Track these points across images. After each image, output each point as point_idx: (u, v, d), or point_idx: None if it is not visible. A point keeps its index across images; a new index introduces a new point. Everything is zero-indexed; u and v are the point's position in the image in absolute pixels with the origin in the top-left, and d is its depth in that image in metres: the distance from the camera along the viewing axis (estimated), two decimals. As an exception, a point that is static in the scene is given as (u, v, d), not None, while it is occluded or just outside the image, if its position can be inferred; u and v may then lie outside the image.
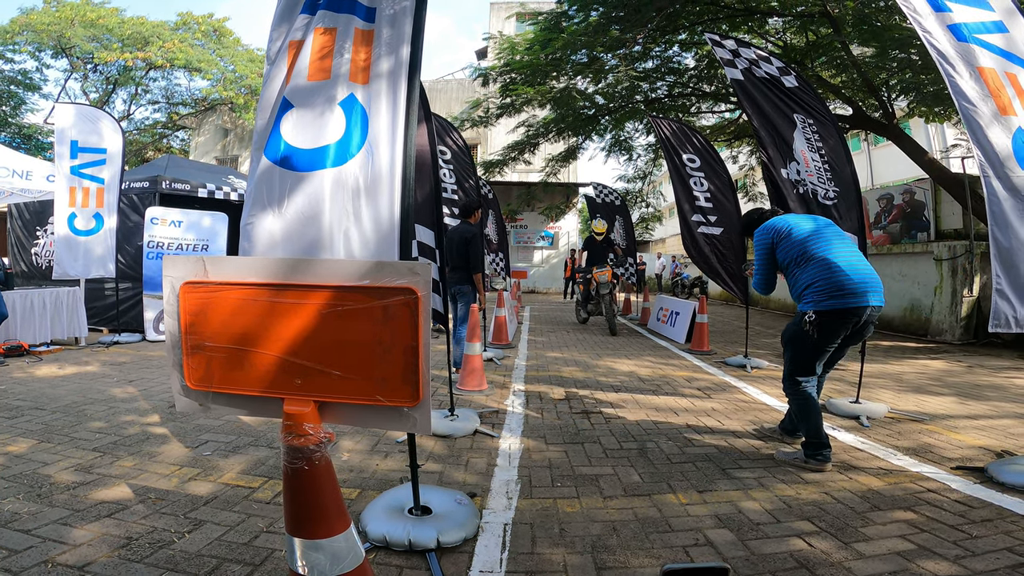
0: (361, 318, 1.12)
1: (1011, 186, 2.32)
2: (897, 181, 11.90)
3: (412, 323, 1.11)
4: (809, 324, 2.40)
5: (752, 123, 4.24)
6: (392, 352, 1.12)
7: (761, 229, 2.66)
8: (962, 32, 2.49)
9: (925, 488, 2.22)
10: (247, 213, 1.73)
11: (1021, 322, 2.28)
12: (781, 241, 2.56)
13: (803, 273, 2.46)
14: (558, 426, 3.06)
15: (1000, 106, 2.39)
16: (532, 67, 8.06)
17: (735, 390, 4.06)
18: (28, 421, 2.93)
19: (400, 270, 1.13)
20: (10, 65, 17.39)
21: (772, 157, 4.06)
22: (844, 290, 2.34)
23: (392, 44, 1.84)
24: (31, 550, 1.61)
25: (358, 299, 1.12)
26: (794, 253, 2.51)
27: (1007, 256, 2.31)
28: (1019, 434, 3.01)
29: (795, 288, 2.53)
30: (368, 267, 1.14)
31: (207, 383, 1.17)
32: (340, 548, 1.17)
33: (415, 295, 1.11)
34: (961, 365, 5.26)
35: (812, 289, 2.41)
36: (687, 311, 6.63)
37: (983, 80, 2.42)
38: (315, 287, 1.13)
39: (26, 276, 7.32)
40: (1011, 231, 2.31)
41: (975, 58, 2.45)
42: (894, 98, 7.43)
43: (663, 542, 1.77)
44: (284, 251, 1.66)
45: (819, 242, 2.47)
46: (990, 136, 2.35)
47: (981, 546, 1.74)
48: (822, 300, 2.36)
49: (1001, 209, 2.32)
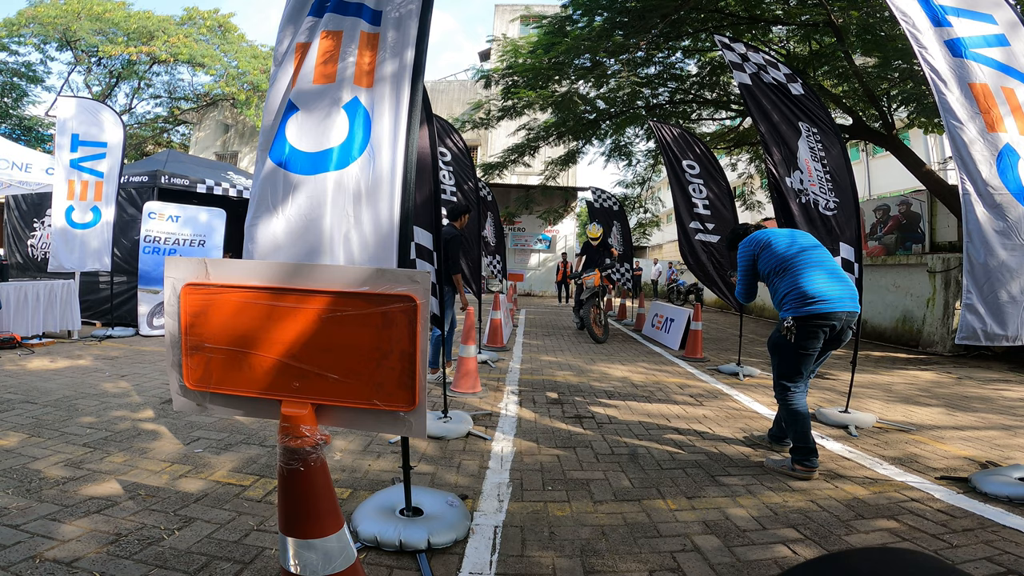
0: (360, 324, 1.14)
1: (992, 203, 2.36)
2: (894, 192, 12.00)
3: (410, 330, 1.13)
4: (787, 330, 2.52)
5: (759, 129, 4.25)
6: (390, 358, 1.13)
7: (744, 242, 2.83)
8: (959, 47, 2.51)
9: (909, 497, 2.25)
10: (252, 214, 1.74)
11: (991, 336, 2.33)
12: (761, 252, 2.71)
13: (782, 282, 2.61)
14: (550, 430, 3.08)
15: (988, 123, 2.42)
16: (534, 70, 8.09)
17: (727, 397, 4.09)
18: (18, 415, 2.92)
19: (400, 278, 1.14)
20: (14, 57, 17.34)
21: (777, 163, 4.07)
22: (818, 297, 2.47)
23: (397, 48, 1.86)
24: (19, 545, 1.61)
25: (357, 305, 1.13)
26: (773, 263, 2.65)
27: (980, 272, 2.36)
28: (1004, 445, 3.05)
29: (776, 297, 2.66)
30: (368, 274, 1.15)
31: (205, 383, 1.18)
32: (332, 548, 1.18)
33: (414, 303, 1.13)
34: (951, 377, 5.32)
35: (789, 297, 2.55)
36: (682, 318, 6.66)
37: (974, 97, 2.45)
38: (315, 292, 1.15)
39: (21, 268, 7.28)
40: (987, 248, 2.36)
41: (969, 74, 2.47)
42: (894, 109, 7.50)
43: (651, 547, 1.79)
44: (286, 253, 1.67)
45: (796, 253, 2.62)
46: (974, 154, 2.39)
47: (961, 555, 1.77)
48: (799, 307, 2.49)
49: (979, 227, 2.37)
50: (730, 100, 8.89)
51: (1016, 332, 2.35)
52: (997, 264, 2.33)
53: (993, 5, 2.61)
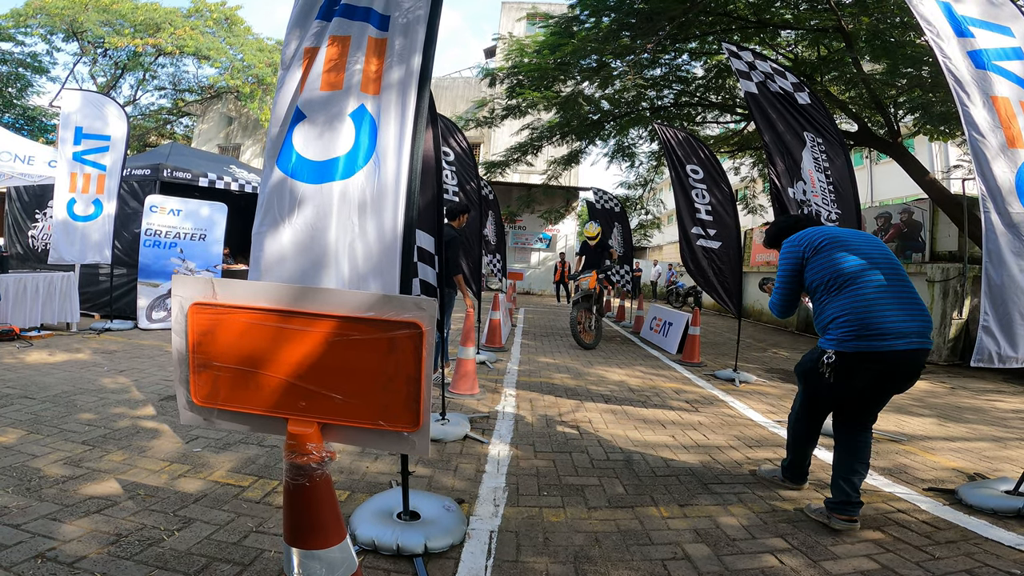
0: (366, 348, 1.16)
1: (1010, 222, 2.30)
2: (897, 199, 12.01)
3: (416, 356, 1.16)
4: (826, 366, 1.99)
5: (763, 138, 4.22)
6: (395, 381, 1.16)
7: (792, 239, 2.20)
8: (982, 59, 2.45)
9: (896, 508, 2.28)
10: (259, 221, 1.77)
11: (1004, 358, 2.28)
12: (813, 257, 2.09)
13: (833, 302, 2.01)
14: (547, 434, 3.11)
15: (1009, 137, 2.36)
16: (540, 70, 8.08)
17: (722, 404, 4.12)
18: (17, 411, 2.94)
19: (406, 305, 1.17)
20: (20, 48, 17.29)
21: (780, 174, 4.06)
22: (884, 331, 1.90)
23: (404, 54, 1.86)
24: (21, 545, 1.63)
25: (364, 330, 1.16)
26: (826, 275, 2.04)
27: (998, 292, 2.29)
28: (993, 457, 3.09)
29: (819, 318, 2.09)
30: (374, 300, 1.17)
31: (213, 400, 1.21)
32: (335, 558, 1.22)
33: (420, 329, 1.15)
34: (944, 386, 5.35)
35: (841, 323, 1.96)
36: (680, 322, 6.69)
37: (995, 110, 2.38)
38: (322, 316, 1.17)
39: (21, 259, 7.29)
40: (1005, 268, 2.28)
41: (991, 86, 2.41)
42: (901, 116, 7.48)
43: (643, 555, 1.82)
44: (292, 262, 1.70)
45: (862, 270, 2.00)
46: (995, 169, 2.32)
47: (942, 567, 1.80)
48: (851, 340, 1.93)
49: (997, 245, 2.29)
50: (735, 104, 8.88)
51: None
52: (1013, 284, 2.27)
53: (1011, 17, 2.57)
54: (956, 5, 2.54)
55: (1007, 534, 2.05)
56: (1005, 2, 2.61)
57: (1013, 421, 4.05)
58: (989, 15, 2.56)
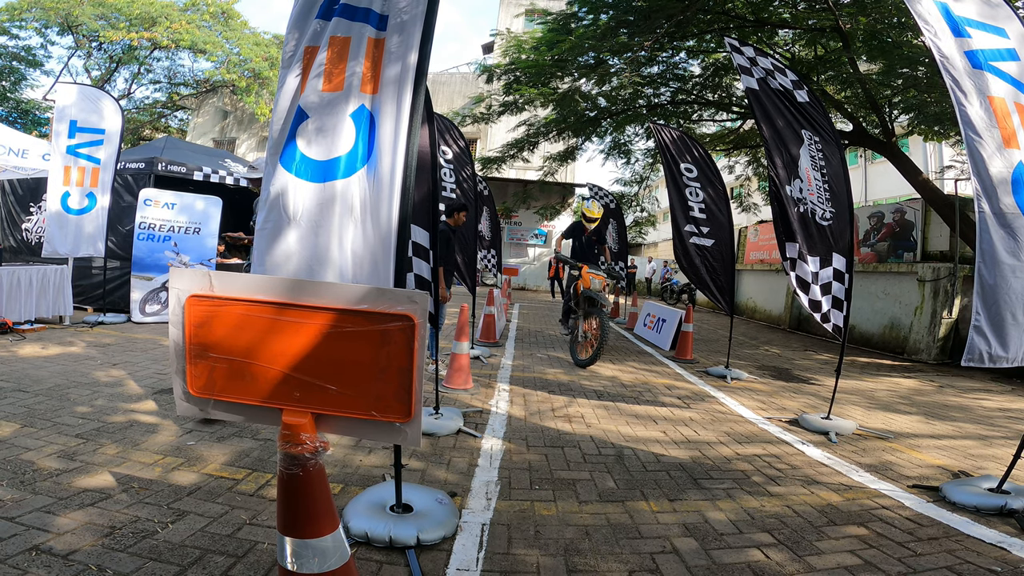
0: (360, 340, 1.19)
1: (1004, 222, 2.31)
2: (890, 198, 12.11)
3: (408, 348, 1.18)
4: None
5: (762, 134, 4.23)
6: (388, 372, 1.19)
7: None
8: (978, 59, 2.46)
9: (880, 505, 2.33)
10: (263, 218, 1.80)
11: (995, 358, 2.30)
12: None
13: None
14: (540, 429, 3.14)
15: (1004, 137, 2.36)
16: (537, 67, 8.07)
17: (713, 400, 4.17)
18: (11, 404, 2.93)
19: (399, 298, 1.19)
20: (15, 41, 17.08)
21: (779, 171, 4.09)
22: None
23: (400, 52, 1.88)
24: (15, 538, 1.64)
25: (358, 322, 1.18)
26: None
27: (990, 293, 2.29)
28: (978, 455, 3.15)
29: None
30: (368, 293, 1.20)
31: (209, 391, 1.23)
32: (328, 548, 1.24)
33: (412, 322, 1.18)
34: (932, 385, 5.43)
35: None
36: (673, 319, 6.74)
37: (992, 110, 2.38)
38: (317, 308, 1.19)
39: (15, 251, 7.23)
40: (998, 268, 2.29)
41: (987, 86, 2.41)
42: (895, 116, 7.53)
43: (632, 548, 1.85)
44: (297, 258, 1.74)
45: None
46: (991, 169, 2.32)
47: (923, 563, 1.84)
48: None
49: (991, 245, 2.29)
50: (731, 102, 8.91)
51: (1016, 354, 2.31)
52: (1005, 285, 2.29)
53: (1006, 18, 2.59)
54: (954, 5, 2.56)
55: (989, 531, 2.09)
56: (1001, 3, 2.62)
57: (999, 419, 4.12)
58: (985, 16, 2.57)
